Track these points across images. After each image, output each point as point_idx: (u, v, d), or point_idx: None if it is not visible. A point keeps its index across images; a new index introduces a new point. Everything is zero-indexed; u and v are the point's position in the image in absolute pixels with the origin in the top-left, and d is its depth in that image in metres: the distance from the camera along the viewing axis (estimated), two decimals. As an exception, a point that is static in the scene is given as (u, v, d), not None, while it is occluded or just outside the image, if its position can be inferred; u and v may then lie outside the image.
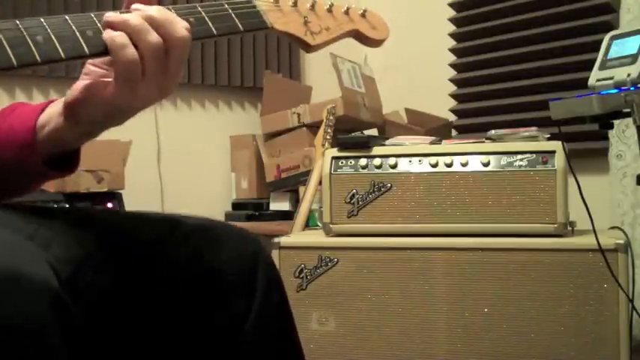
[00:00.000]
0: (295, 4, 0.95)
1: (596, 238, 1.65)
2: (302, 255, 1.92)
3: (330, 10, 0.99)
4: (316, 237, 2.02)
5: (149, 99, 0.77)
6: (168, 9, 0.80)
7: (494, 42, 2.94)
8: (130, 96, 0.75)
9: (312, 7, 0.97)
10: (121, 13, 0.77)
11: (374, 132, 2.99)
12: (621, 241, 1.71)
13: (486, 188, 1.85)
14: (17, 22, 0.71)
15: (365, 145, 1.98)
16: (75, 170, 0.88)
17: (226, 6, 0.87)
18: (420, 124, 2.99)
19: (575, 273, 1.74)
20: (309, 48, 0.96)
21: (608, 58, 1.42)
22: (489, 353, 1.79)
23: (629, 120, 1.37)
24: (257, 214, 3.04)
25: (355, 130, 2.77)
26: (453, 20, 3.12)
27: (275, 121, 3.06)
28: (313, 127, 2.86)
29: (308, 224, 2.47)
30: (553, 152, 1.81)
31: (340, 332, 1.88)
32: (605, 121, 1.42)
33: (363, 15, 1.05)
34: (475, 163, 1.87)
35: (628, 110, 1.33)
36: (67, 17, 0.74)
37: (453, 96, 3.11)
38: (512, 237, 1.81)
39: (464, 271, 1.81)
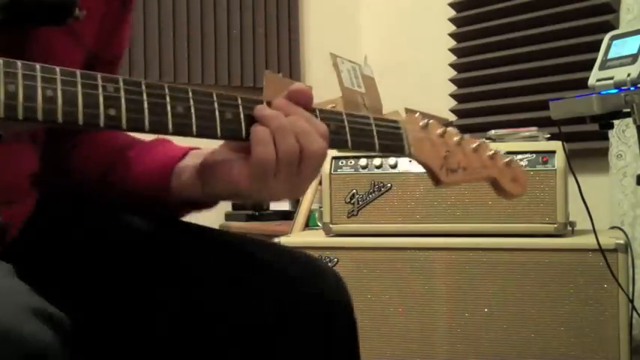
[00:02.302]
0: (443, 135, 0.91)
1: (596, 238, 1.65)
2: (302, 255, 1.91)
3: (476, 150, 0.94)
4: (316, 237, 2.02)
5: (276, 195, 0.77)
6: (314, 110, 0.80)
7: (494, 42, 2.94)
8: (257, 189, 0.76)
9: (460, 142, 0.92)
10: (268, 103, 0.77)
11: (374, 132, 2.98)
12: (621, 241, 1.71)
13: (486, 188, 1.84)
14: (166, 87, 0.72)
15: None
16: (212, 207, 0.88)
17: (371, 121, 0.84)
18: (420, 124, 2.99)
19: (575, 273, 1.74)
20: (438, 183, 0.91)
21: (608, 58, 1.42)
22: (489, 353, 1.79)
23: (629, 120, 1.37)
24: (257, 214, 3.04)
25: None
26: (453, 20, 3.12)
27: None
28: (313, 127, 2.86)
29: (308, 224, 2.47)
30: (553, 152, 1.81)
31: (340, 332, 1.88)
32: (605, 121, 1.42)
33: (508, 164, 0.97)
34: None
35: (628, 110, 1.33)
36: (214, 94, 0.74)
37: (453, 96, 3.11)
38: (512, 237, 1.81)
39: (464, 271, 1.81)
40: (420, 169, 1.95)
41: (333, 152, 2.01)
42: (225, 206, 3.24)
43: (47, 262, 0.83)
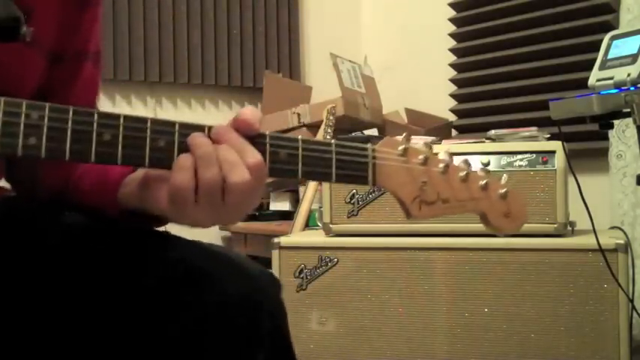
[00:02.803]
0: (425, 163, 0.81)
1: (596, 238, 1.65)
2: (302, 255, 1.92)
3: (464, 180, 0.82)
4: (316, 237, 2.02)
5: (199, 223, 0.76)
6: (264, 137, 0.75)
7: (494, 42, 2.94)
8: (177, 214, 0.75)
9: (445, 170, 0.81)
10: (208, 128, 0.74)
11: (374, 132, 2.99)
12: (621, 241, 1.71)
13: (486, 188, 1.85)
14: (95, 114, 0.70)
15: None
16: (158, 227, 0.87)
17: (333, 148, 0.77)
18: (420, 124, 2.99)
19: (575, 273, 1.74)
20: (408, 217, 0.82)
21: (608, 58, 1.42)
22: (489, 353, 1.79)
23: (629, 120, 1.37)
24: (257, 214, 3.04)
25: (355, 130, 2.77)
26: (453, 20, 3.12)
27: (275, 121, 3.06)
28: (313, 127, 2.86)
29: (308, 224, 2.47)
30: (553, 152, 1.81)
31: (340, 332, 1.88)
32: (605, 121, 1.42)
33: (504, 196, 0.84)
34: (475, 163, 1.87)
35: (628, 110, 1.33)
36: (148, 120, 0.72)
37: (453, 96, 3.11)
38: (513, 237, 1.81)
39: (464, 271, 1.81)
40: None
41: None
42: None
43: None
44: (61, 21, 0.90)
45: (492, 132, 2.00)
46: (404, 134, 0.83)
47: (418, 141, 0.83)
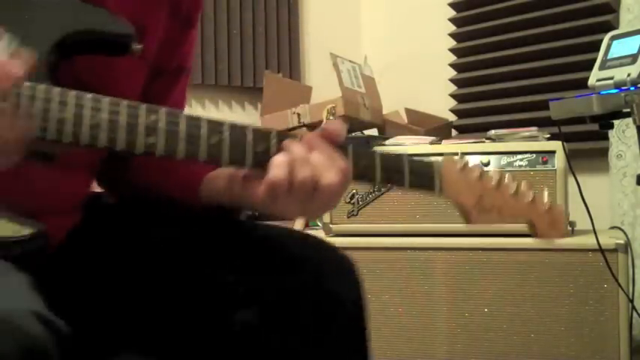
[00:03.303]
0: (480, 177, 0.93)
1: (596, 238, 1.65)
2: (302, 255, 1.91)
3: (514, 195, 0.94)
4: (316, 237, 2.02)
5: (288, 214, 0.84)
6: (347, 147, 0.84)
7: (494, 42, 2.94)
8: (270, 207, 0.83)
9: (498, 185, 0.93)
10: (302, 138, 0.83)
11: (374, 132, 2.99)
12: (621, 241, 1.71)
13: (486, 188, 1.85)
14: (204, 120, 0.79)
15: (365, 145, 1.98)
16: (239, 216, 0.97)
17: (405, 161, 0.88)
18: (420, 124, 2.99)
19: (575, 273, 1.74)
20: (468, 222, 0.94)
21: (608, 58, 1.42)
22: (489, 353, 1.79)
23: (629, 120, 1.37)
24: (257, 214, 3.04)
25: (355, 130, 2.77)
26: (453, 20, 3.12)
27: (275, 121, 3.06)
28: (313, 128, 2.86)
29: (308, 224, 2.47)
30: (553, 152, 1.81)
31: (340, 332, 1.88)
32: (605, 121, 1.42)
33: (549, 210, 0.97)
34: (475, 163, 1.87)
35: (628, 110, 1.33)
36: (250, 128, 0.81)
37: (453, 96, 3.11)
38: (513, 237, 1.81)
39: (464, 271, 1.81)
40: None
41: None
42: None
43: (81, 273, 0.92)
44: (168, 39, 0.99)
45: (492, 132, 2.00)
46: (457, 155, 0.95)
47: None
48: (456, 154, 0.79)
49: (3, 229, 0.74)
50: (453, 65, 3.12)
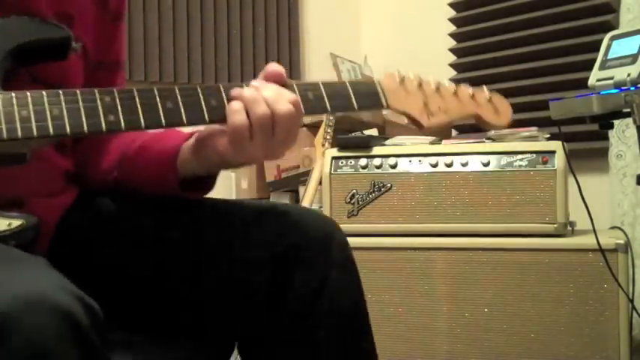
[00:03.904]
0: (420, 85, 1.00)
1: (596, 238, 1.65)
2: (302, 255, 1.91)
3: (455, 93, 1.02)
4: (316, 237, 2.02)
5: (254, 158, 0.91)
6: (291, 85, 0.92)
7: (494, 42, 2.94)
8: (237, 154, 0.88)
9: (438, 88, 1.01)
10: (246, 85, 0.90)
11: (374, 132, 2.99)
12: (621, 241, 1.71)
13: (486, 188, 1.85)
14: (155, 89, 0.85)
15: (365, 145, 1.98)
16: (207, 192, 1.01)
17: (348, 85, 0.95)
18: (420, 124, 2.99)
19: (575, 273, 1.74)
20: (421, 128, 1.00)
21: (608, 58, 1.42)
22: (489, 353, 1.79)
23: (629, 120, 1.37)
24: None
25: (355, 130, 2.77)
26: (453, 20, 3.12)
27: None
28: (313, 127, 2.86)
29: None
30: (553, 152, 1.81)
31: (340, 332, 1.88)
32: (605, 121, 1.42)
33: (489, 99, 1.05)
34: (475, 163, 1.87)
35: (628, 110, 1.33)
36: (198, 87, 0.88)
37: (453, 96, 3.11)
38: (513, 237, 1.81)
39: (464, 271, 1.81)
40: (420, 168, 1.94)
41: (333, 152, 2.01)
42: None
43: (79, 252, 0.95)
44: (99, 32, 1.03)
45: (492, 132, 2.00)
46: (397, 70, 1.03)
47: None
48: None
49: None
50: (453, 65, 3.12)
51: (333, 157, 1.99)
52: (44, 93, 0.79)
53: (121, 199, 1.02)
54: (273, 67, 0.93)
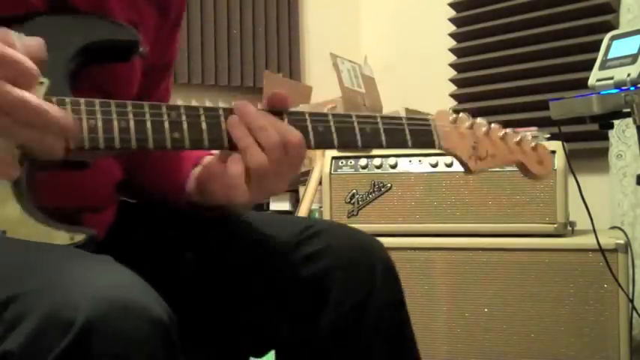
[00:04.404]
0: (471, 127, 1.00)
1: (596, 238, 1.65)
2: (302, 255, 1.91)
3: (503, 138, 1.03)
4: (316, 237, 2.02)
5: (277, 189, 0.88)
6: (349, 116, 0.90)
7: (494, 42, 2.94)
8: (260, 192, 0.86)
9: (487, 132, 1.01)
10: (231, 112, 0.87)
11: (374, 132, 2.98)
12: (621, 241, 1.71)
13: (486, 188, 1.85)
14: (220, 109, 0.85)
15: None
16: (220, 213, 0.98)
17: (404, 121, 0.94)
18: (420, 124, 2.99)
19: (575, 273, 1.74)
20: (469, 172, 1.01)
21: (608, 58, 1.42)
22: (489, 353, 1.79)
23: (629, 120, 1.37)
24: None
25: (355, 130, 2.77)
26: (453, 20, 3.12)
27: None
28: (313, 127, 2.86)
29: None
30: (553, 152, 1.81)
31: (340, 332, 1.88)
32: (605, 121, 1.42)
33: (534, 148, 1.06)
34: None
35: (628, 110, 1.33)
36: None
37: (453, 96, 3.11)
38: (512, 237, 1.81)
39: (464, 271, 1.81)
40: (420, 168, 1.95)
41: (333, 152, 2.01)
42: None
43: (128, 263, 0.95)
44: (158, 38, 1.02)
45: (492, 132, 2.00)
46: (449, 107, 0.97)
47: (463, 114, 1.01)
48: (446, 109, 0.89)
49: (57, 237, 0.76)
50: (453, 65, 3.12)
51: (333, 157, 1.99)
52: (112, 102, 0.78)
53: (156, 215, 1.03)
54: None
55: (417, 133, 0.94)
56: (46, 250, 0.72)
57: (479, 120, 1.02)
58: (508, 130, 1.04)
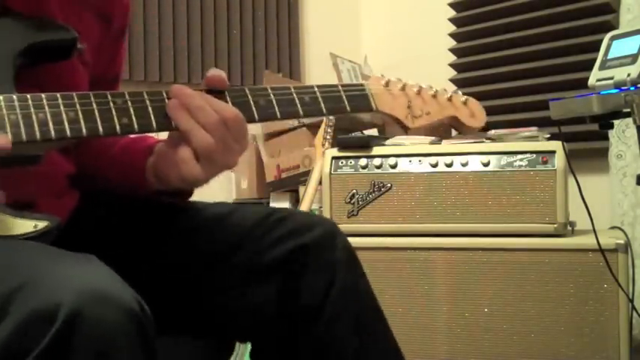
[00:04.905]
0: (403, 89, 1.06)
1: (596, 238, 1.65)
2: (302, 255, 1.91)
3: (434, 96, 1.08)
4: (316, 237, 2.01)
5: (229, 164, 0.90)
6: (287, 88, 0.94)
7: (494, 42, 2.94)
8: (210, 169, 0.88)
9: (419, 92, 1.07)
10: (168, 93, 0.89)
11: (374, 132, 2.99)
12: (621, 241, 1.71)
13: (486, 188, 1.85)
14: (164, 92, 0.87)
15: (365, 145, 1.98)
16: (188, 198, 1.02)
17: (340, 88, 0.99)
18: (420, 124, 2.99)
19: (575, 273, 1.74)
20: (407, 130, 1.06)
21: (608, 58, 1.42)
22: (489, 353, 1.79)
23: (629, 120, 1.37)
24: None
25: (355, 129, 2.77)
26: (453, 20, 3.12)
27: (275, 121, 3.05)
28: (313, 127, 2.86)
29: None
30: (553, 152, 1.81)
31: (340, 332, 1.88)
32: (605, 121, 1.42)
33: (465, 102, 1.12)
34: (475, 163, 1.87)
35: (628, 110, 1.33)
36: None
37: (453, 96, 3.11)
38: (512, 237, 1.81)
39: (464, 271, 1.81)
40: (420, 168, 1.95)
41: (333, 152, 2.01)
42: (225, 206, 3.23)
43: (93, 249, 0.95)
44: (103, 48, 1.05)
45: (492, 132, 2.00)
46: (381, 74, 1.08)
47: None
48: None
49: (20, 225, 0.78)
50: (453, 65, 3.12)
51: (333, 157, 1.99)
52: (58, 95, 0.81)
53: (120, 204, 1.04)
54: (214, 72, 0.93)
55: (353, 99, 0.99)
56: (22, 249, 0.74)
57: (410, 82, 1.08)
58: (438, 88, 1.10)
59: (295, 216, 1.01)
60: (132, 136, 1.01)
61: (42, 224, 0.78)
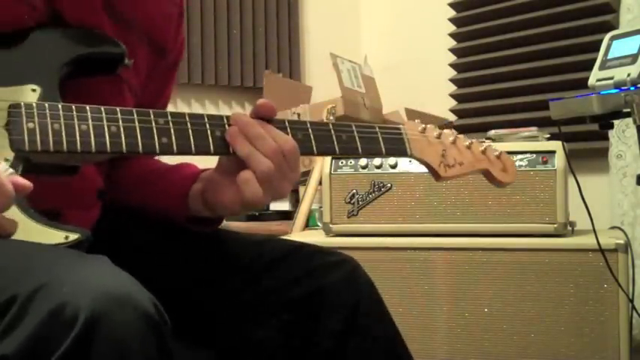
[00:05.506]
0: (439, 136, 1.05)
1: (596, 238, 1.65)
2: (302, 255, 1.91)
3: (469, 147, 1.08)
4: (316, 237, 2.01)
5: (284, 192, 0.92)
6: (326, 124, 0.95)
7: (494, 42, 2.94)
8: (268, 197, 0.90)
9: (454, 141, 1.07)
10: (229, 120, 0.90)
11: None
12: (621, 241, 1.71)
13: (486, 188, 1.85)
14: (205, 116, 0.88)
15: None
16: (215, 228, 1.04)
17: (377, 129, 0.99)
18: (420, 124, 2.98)
19: (575, 273, 1.74)
20: (438, 178, 1.06)
21: (608, 58, 1.42)
22: (489, 353, 1.79)
23: (629, 120, 1.37)
24: (257, 214, 3.04)
25: (355, 130, 2.77)
26: (453, 20, 3.12)
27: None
28: (313, 127, 2.85)
29: (308, 224, 2.47)
30: (553, 152, 1.81)
31: (340, 332, 1.88)
32: (605, 121, 1.42)
33: (498, 156, 1.12)
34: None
35: (628, 110, 1.33)
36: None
37: (453, 96, 3.11)
38: (512, 237, 1.81)
39: (464, 271, 1.81)
40: (420, 169, 1.95)
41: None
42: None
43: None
44: (150, 76, 1.06)
45: (492, 132, 2.00)
46: (417, 120, 1.07)
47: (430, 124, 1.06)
48: (415, 119, 0.94)
49: (52, 236, 0.78)
50: (453, 65, 3.12)
51: (333, 157, 1.99)
52: (102, 108, 0.81)
53: (138, 217, 1.06)
54: (265, 103, 0.94)
55: (389, 141, 1.00)
56: (40, 251, 0.75)
57: (446, 130, 1.08)
58: (473, 139, 1.10)
59: (315, 256, 1.05)
60: (171, 164, 1.05)
61: (73, 236, 0.79)
